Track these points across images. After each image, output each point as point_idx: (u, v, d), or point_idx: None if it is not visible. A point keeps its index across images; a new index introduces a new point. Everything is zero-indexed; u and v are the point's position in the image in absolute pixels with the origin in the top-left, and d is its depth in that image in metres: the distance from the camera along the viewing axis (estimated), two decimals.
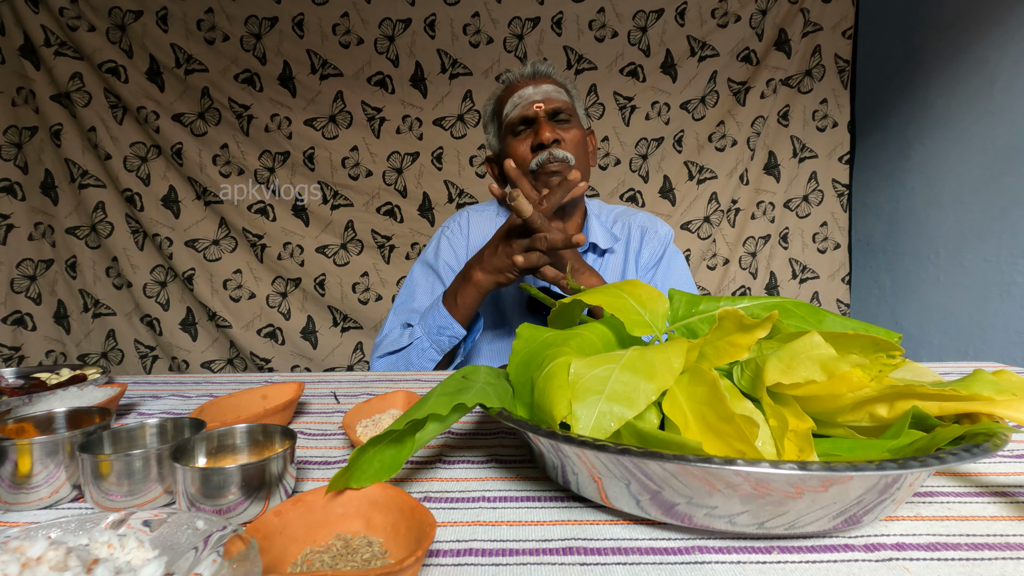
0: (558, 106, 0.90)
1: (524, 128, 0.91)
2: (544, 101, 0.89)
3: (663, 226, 1.02)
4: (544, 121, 0.88)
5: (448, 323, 0.83)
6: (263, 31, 1.85)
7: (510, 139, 0.92)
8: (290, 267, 1.92)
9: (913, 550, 0.32)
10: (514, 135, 0.91)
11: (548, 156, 0.87)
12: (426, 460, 0.47)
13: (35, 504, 0.39)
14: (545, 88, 0.91)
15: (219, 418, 0.53)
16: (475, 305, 0.83)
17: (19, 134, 1.82)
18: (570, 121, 0.91)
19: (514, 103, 0.91)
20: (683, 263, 1.01)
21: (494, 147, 1.00)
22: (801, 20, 1.90)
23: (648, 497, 0.33)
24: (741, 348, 0.38)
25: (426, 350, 0.85)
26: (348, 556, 0.31)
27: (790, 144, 1.97)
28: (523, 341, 0.46)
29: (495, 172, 1.01)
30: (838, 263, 2.00)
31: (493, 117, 0.98)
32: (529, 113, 0.89)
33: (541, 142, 0.86)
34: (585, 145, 0.95)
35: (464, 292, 0.81)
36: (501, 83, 0.97)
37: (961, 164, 1.60)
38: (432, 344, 0.85)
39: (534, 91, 0.90)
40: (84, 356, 1.91)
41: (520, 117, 0.90)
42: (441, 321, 0.83)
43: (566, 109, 0.91)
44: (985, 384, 0.35)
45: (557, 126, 0.90)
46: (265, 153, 1.89)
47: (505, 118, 0.92)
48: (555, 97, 0.90)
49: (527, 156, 0.89)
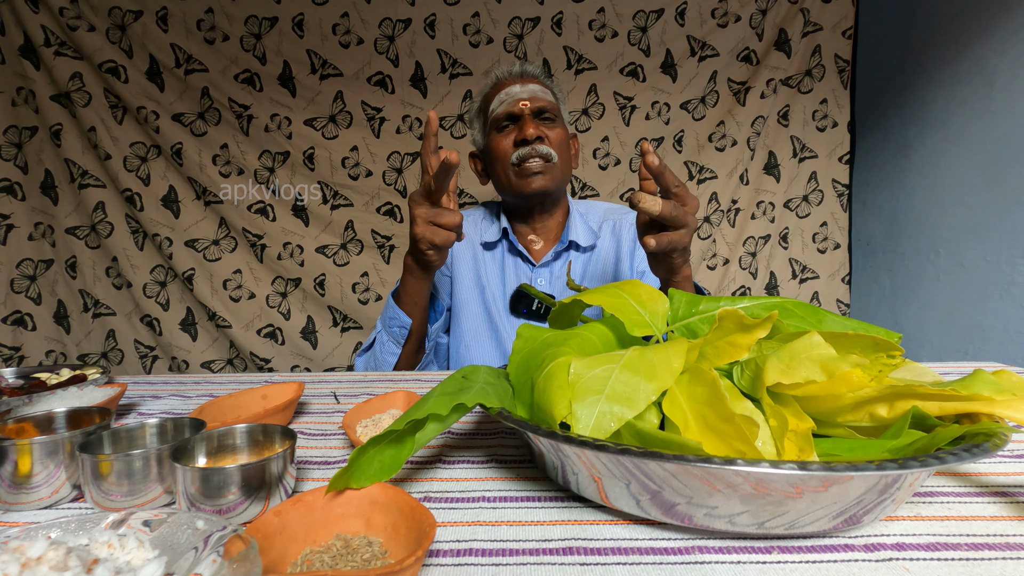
0: (543, 105, 0.91)
1: (509, 124, 0.92)
2: (530, 99, 0.91)
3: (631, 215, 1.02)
4: (529, 118, 0.89)
5: (395, 313, 0.84)
6: (263, 31, 1.85)
7: (494, 134, 0.93)
8: (290, 267, 1.92)
9: (913, 550, 0.32)
10: (499, 131, 0.93)
11: (531, 151, 0.88)
12: (426, 460, 0.47)
13: (35, 504, 0.39)
14: (532, 87, 0.92)
15: (219, 418, 0.53)
16: (417, 292, 0.82)
17: (19, 134, 1.82)
18: (555, 121, 0.93)
19: (500, 99, 0.92)
20: None
21: (479, 143, 1.01)
22: (801, 20, 1.90)
23: (648, 497, 0.33)
24: (741, 348, 0.38)
25: (385, 343, 0.86)
26: (348, 556, 0.31)
27: (790, 144, 1.97)
28: (523, 341, 0.46)
29: (478, 167, 1.02)
30: (838, 263, 2.00)
31: (479, 113, 0.99)
32: (515, 110, 0.90)
33: (525, 137, 0.88)
34: (568, 147, 0.96)
35: (403, 280, 0.83)
36: (489, 80, 0.98)
37: (961, 164, 1.59)
38: (389, 337, 0.86)
39: (521, 89, 0.91)
40: (84, 356, 1.91)
41: (506, 113, 0.91)
42: (390, 312, 0.85)
43: (551, 109, 0.92)
44: (985, 384, 0.35)
45: (542, 124, 0.91)
46: (265, 153, 1.89)
47: (491, 114, 0.93)
48: (541, 96, 0.92)
49: (509, 151, 0.90)
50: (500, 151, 0.92)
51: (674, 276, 0.71)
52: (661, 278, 0.74)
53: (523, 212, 0.99)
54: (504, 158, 0.91)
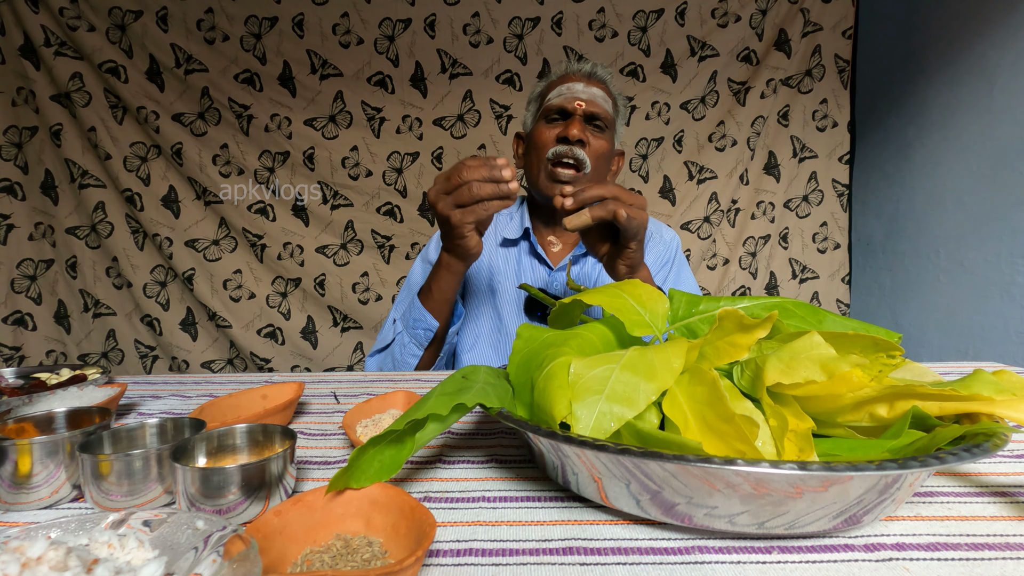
0: (598, 111, 0.89)
1: (558, 118, 0.90)
2: (588, 101, 0.89)
3: (667, 231, 1.02)
4: (579, 119, 0.87)
5: (421, 315, 0.83)
6: (263, 31, 1.85)
7: (542, 123, 0.92)
8: (290, 267, 1.92)
9: (913, 550, 0.32)
10: (548, 121, 0.91)
11: (567, 150, 0.87)
12: (426, 460, 0.47)
13: (35, 504, 0.39)
14: (595, 91, 0.90)
15: (219, 418, 0.53)
16: (449, 291, 0.81)
17: (19, 134, 1.82)
18: (604, 131, 0.91)
19: (560, 92, 0.90)
20: (689, 271, 1.02)
21: (527, 126, 0.99)
22: (801, 20, 1.90)
23: (648, 497, 0.33)
24: (741, 348, 0.38)
25: (406, 345, 0.85)
26: (348, 556, 0.31)
27: (790, 144, 1.97)
28: (523, 341, 0.46)
29: (519, 151, 1.01)
30: (838, 263, 2.00)
31: (538, 97, 0.97)
32: (569, 106, 0.89)
33: (567, 136, 0.86)
34: (609, 161, 0.94)
35: (437, 277, 0.80)
36: (558, 70, 0.96)
37: (961, 164, 1.59)
38: (411, 339, 0.85)
39: (583, 89, 0.90)
40: (84, 356, 1.91)
41: (559, 107, 0.89)
42: (416, 314, 0.83)
43: (604, 118, 0.90)
44: (985, 384, 0.35)
45: (589, 129, 0.89)
46: (265, 153, 1.89)
47: (547, 102, 0.92)
48: (600, 103, 0.90)
49: (549, 144, 0.89)
50: (541, 141, 0.90)
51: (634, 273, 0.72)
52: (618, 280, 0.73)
53: (546, 212, 0.98)
54: (542, 149, 0.90)
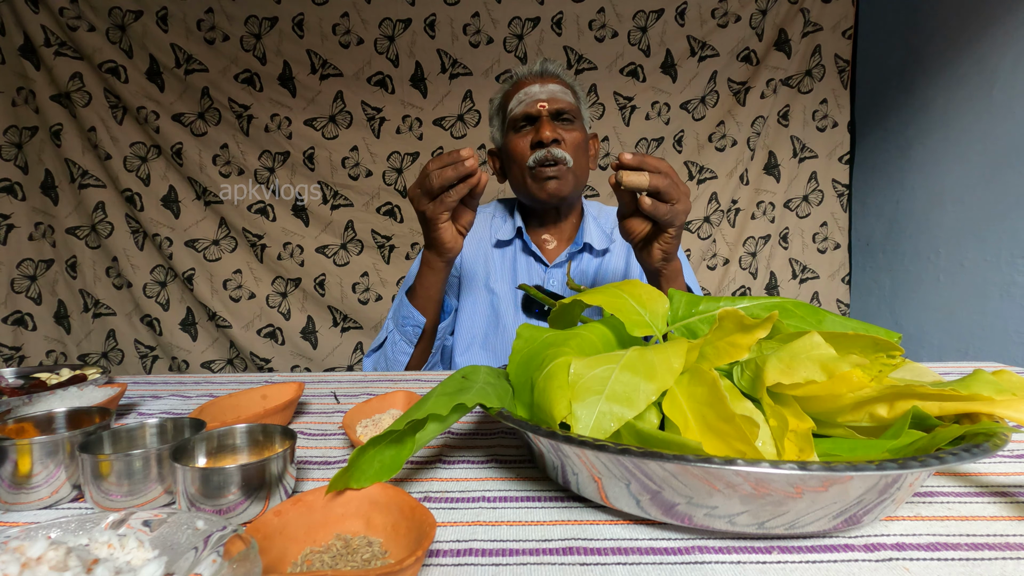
0: (562, 106, 0.90)
1: (526, 125, 0.91)
2: (549, 100, 0.89)
3: None
4: (546, 120, 0.88)
5: (409, 312, 0.83)
6: (263, 31, 1.85)
7: (512, 135, 0.92)
8: (290, 267, 1.92)
9: (913, 550, 0.32)
10: (516, 131, 0.92)
11: (546, 154, 0.87)
12: (426, 460, 0.47)
13: (35, 504, 0.39)
14: (551, 88, 0.91)
15: (219, 418, 0.53)
16: (433, 288, 0.81)
17: (19, 134, 1.82)
18: (573, 122, 0.91)
19: (519, 99, 0.91)
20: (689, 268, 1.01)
21: (497, 141, 1.00)
22: (801, 20, 1.90)
23: (648, 497, 0.33)
24: (741, 348, 0.38)
25: (397, 343, 0.86)
26: (348, 556, 0.31)
27: (790, 144, 1.97)
28: (523, 341, 0.46)
29: (496, 165, 1.01)
30: (838, 263, 2.00)
31: (499, 111, 0.98)
32: (532, 111, 0.89)
33: (541, 140, 0.87)
34: (586, 148, 0.95)
35: (420, 275, 0.81)
36: (508, 79, 0.97)
37: (961, 164, 1.59)
38: (401, 336, 0.85)
39: (540, 89, 0.90)
40: (84, 356, 1.91)
41: (523, 114, 0.90)
42: (404, 311, 0.84)
43: (570, 110, 0.91)
44: (985, 384, 0.35)
45: (559, 126, 0.89)
46: (265, 153, 1.89)
47: (509, 113, 0.93)
48: (560, 97, 0.90)
49: (526, 152, 0.90)
50: (517, 152, 0.91)
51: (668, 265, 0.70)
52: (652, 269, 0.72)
53: (538, 213, 0.99)
54: (521, 160, 0.90)
